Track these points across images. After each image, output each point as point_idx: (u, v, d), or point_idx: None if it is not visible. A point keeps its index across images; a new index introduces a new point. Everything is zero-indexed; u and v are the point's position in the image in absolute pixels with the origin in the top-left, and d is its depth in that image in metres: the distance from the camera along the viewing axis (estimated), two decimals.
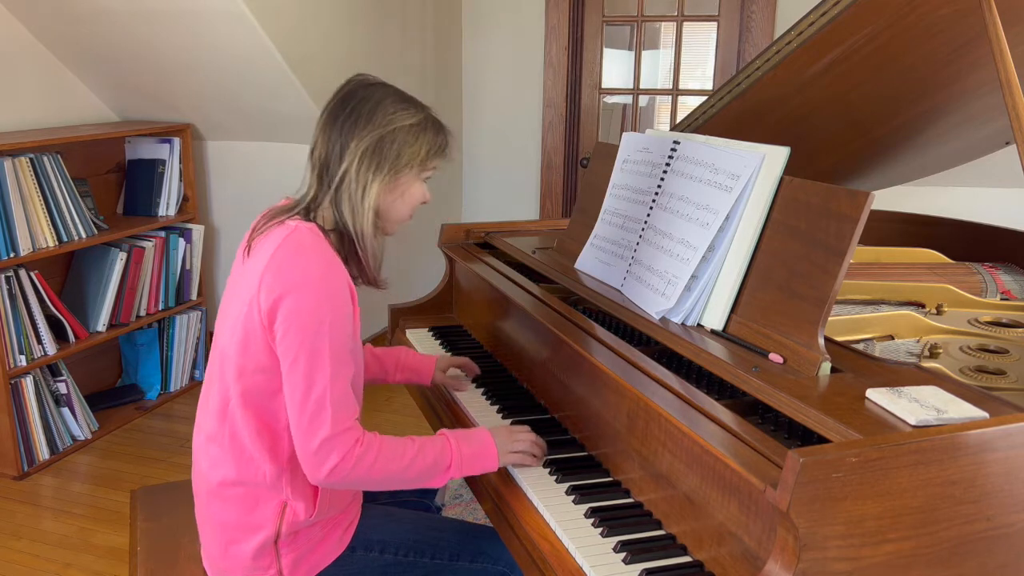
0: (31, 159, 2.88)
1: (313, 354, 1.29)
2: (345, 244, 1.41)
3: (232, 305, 1.41)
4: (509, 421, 1.63)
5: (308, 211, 1.41)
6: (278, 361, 1.32)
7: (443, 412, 1.80)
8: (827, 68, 1.83)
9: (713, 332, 1.43)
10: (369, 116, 1.38)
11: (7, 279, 2.80)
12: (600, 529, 1.26)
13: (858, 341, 1.58)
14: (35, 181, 2.89)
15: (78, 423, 3.10)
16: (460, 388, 1.81)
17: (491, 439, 1.44)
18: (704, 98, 2.03)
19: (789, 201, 1.36)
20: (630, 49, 4.18)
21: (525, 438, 1.46)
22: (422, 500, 1.79)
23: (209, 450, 1.43)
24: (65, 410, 3.07)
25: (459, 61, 4.27)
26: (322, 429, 1.28)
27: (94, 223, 3.12)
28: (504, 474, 1.47)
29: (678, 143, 1.64)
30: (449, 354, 1.99)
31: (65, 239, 3.00)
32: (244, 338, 1.34)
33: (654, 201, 1.65)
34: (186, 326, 3.56)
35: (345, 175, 1.38)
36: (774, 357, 1.29)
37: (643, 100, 4.45)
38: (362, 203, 1.38)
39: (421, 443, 1.38)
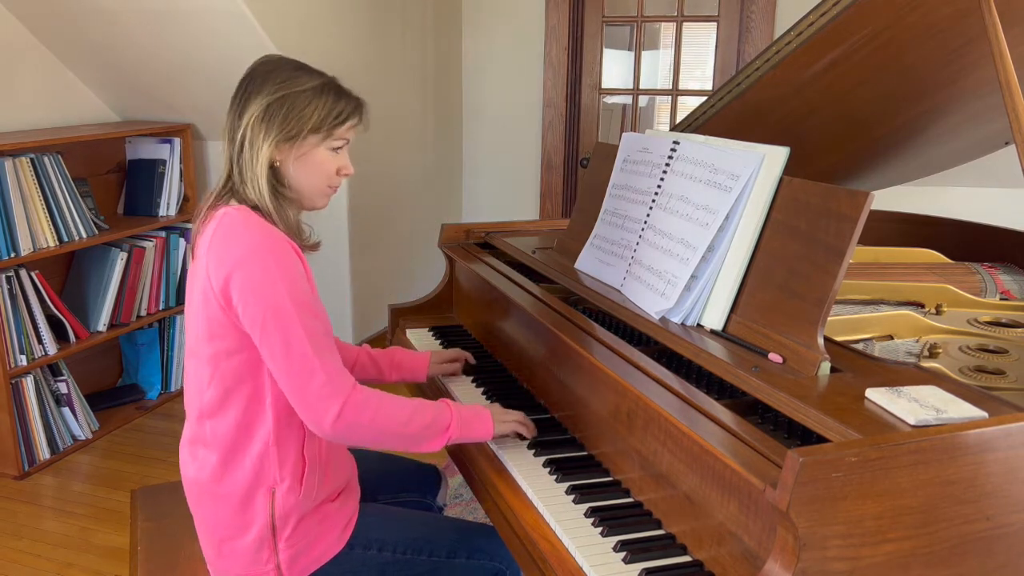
0: (31, 159, 2.88)
1: (278, 311, 1.30)
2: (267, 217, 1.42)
3: (191, 306, 1.42)
4: None
5: (229, 193, 1.42)
6: (249, 340, 1.34)
7: None
8: (827, 68, 1.83)
9: (713, 332, 1.43)
10: (260, 86, 1.41)
11: (8, 279, 2.80)
12: (600, 529, 1.26)
13: (858, 341, 1.58)
14: (35, 181, 2.89)
15: (79, 423, 3.10)
16: (454, 373, 1.84)
17: (485, 408, 1.50)
18: (704, 98, 2.03)
19: (789, 201, 1.37)
20: (630, 49, 4.18)
21: (516, 413, 1.53)
22: (423, 500, 1.80)
23: (193, 453, 1.45)
24: (66, 410, 3.07)
25: (459, 61, 4.27)
26: (314, 377, 1.30)
27: (94, 223, 3.12)
28: (504, 474, 1.47)
29: (678, 143, 1.64)
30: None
31: (66, 239, 3.00)
32: (209, 327, 1.36)
33: (654, 201, 1.65)
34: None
35: (242, 143, 1.40)
36: (774, 357, 1.29)
37: (643, 100, 4.45)
38: (254, 168, 1.39)
39: (419, 400, 1.43)
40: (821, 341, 1.24)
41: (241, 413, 1.38)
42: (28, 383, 2.89)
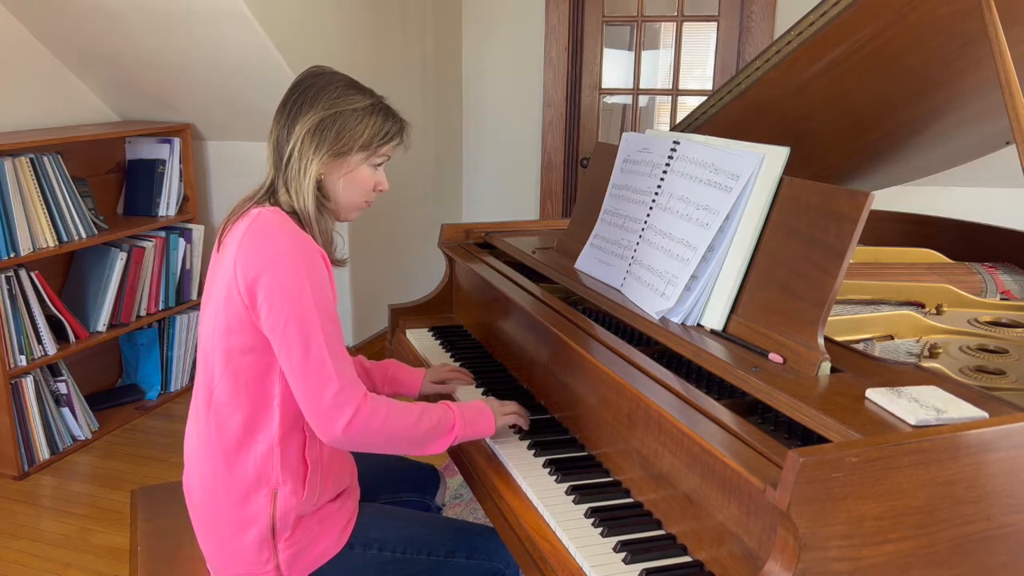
0: (31, 159, 2.88)
1: (301, 318, 1.32)
2: (301, 224, 1.44)
3: (210, 300, 1.43)
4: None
5: (268, 197, 1.45)
6: (265, 340, 1.35)
7: None
8: (827, 68, 1.83)
9: (713, 332, 1.43)
10: (314, 100, 1.43)
11: (7, 279, 2.80)
12: (600, 529, 1.26)
13: (858, 341, 1.58)
14: (35, 181, 2.89)
15: (78, 423, 3.10)
16: (450, 391, 1.80)
17: (485, 404, 1.53)
18: (704, 98, 2.03)
19: (789, 201, 1.36)
20: (630, 49, 4.18)
21: (511, 404, 1.57)
22: (422, 500, 1.80)
23: (199, 449, 1.45)
24: (65, 410, 3.07)
25: (459, 61, 4.27)
26: (330, 384, 1.32)
27: (94, 223, 3.12)
28: (504, 474, 1.47)
29: (678, 143, 1.64)
30: (449, 355, 2.00)
31: (65, 239, 3.00)
32: (227, 323, 1.37)
33: (654, 201, 1.65)
34: (186, 326, 3.56)
35: (291, 154, 1.42)
36: (774, 357, 1.29)
37: (643, 100, 4.45)
38: (303, 181, 1.42)
39: (423, 405, 1.45)
40: (821, 341, 1.24)
41: (248, 411, 1.39)
42: (28, 383, 2.89)
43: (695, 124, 2.06)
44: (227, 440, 1.40)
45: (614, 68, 4.29)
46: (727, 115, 1.99)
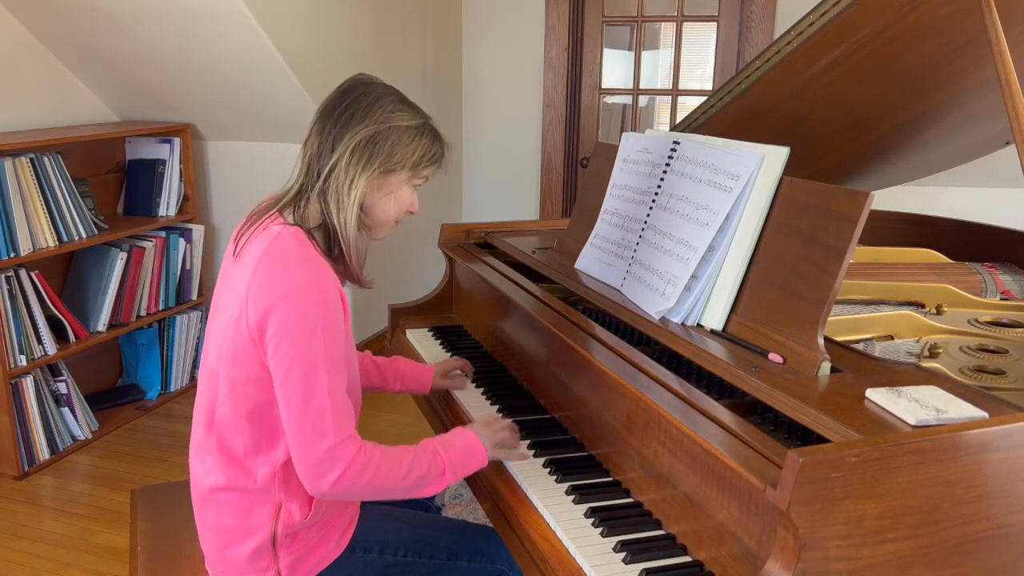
0: (31, 159, 2.88)
1: (307, 364, 1.27)
2: (330, 241, 1.40)
3: (221, 312, 1.39)
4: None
5: (293, 205, 1.40)
6: (269, 372, 1.31)
7: (443, 413, 1.80)
8: (827, 68, 1.83)
9: (713, 332, 1.43)
10: (367, 111, 1.37)
11: (7, 279, 2.80)
12: (600, 529, 1.26)
13: (858, 341, 1.58)
14: (35, 181, 2.89)
15: (78, 423, 3.10)
16: (460, 387, 1.81)
17: (475, 436, 1.45)
18: (704, 98, 2.03)
19: (789, 201, 1.36)
20: (630, 49, 4.18)
21: (502, 426, 1.50)
22: (422, 500, 1.79)
23: (201, 457, 1.43)
24: (65, 410, 3.07)
25: (459, 61, 4.27)
26: (325, 439, 1.27)
27: (94, 223, 3.12)
28: (504, 474, 1.47)
29: (678, 143, 1.64)
30: (449, 355, 2.00)
31: (65, 239, 3.00)
32: (234, 352, 1.33)
33: (654, 201, 1.65)
34: (186, 326, 3.57)
35: (335, 166, 1.36)
36: (774, 357, 1.29)
37: (643, 100, 4.45)
38: (348, 195, 1.36)
39: (414, 451, 1.38)
40: (821, 341, 1.24)
41: (251, 437, 1.36)
42: (28, 383, 2.89)
43: (695, 124, 2.06)
44: (229, 458, 1.38)
45: (614, 68, 4.29)
46: (727, 115, 1.99)
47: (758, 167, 1.42)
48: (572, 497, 1.35)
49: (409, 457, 1.36)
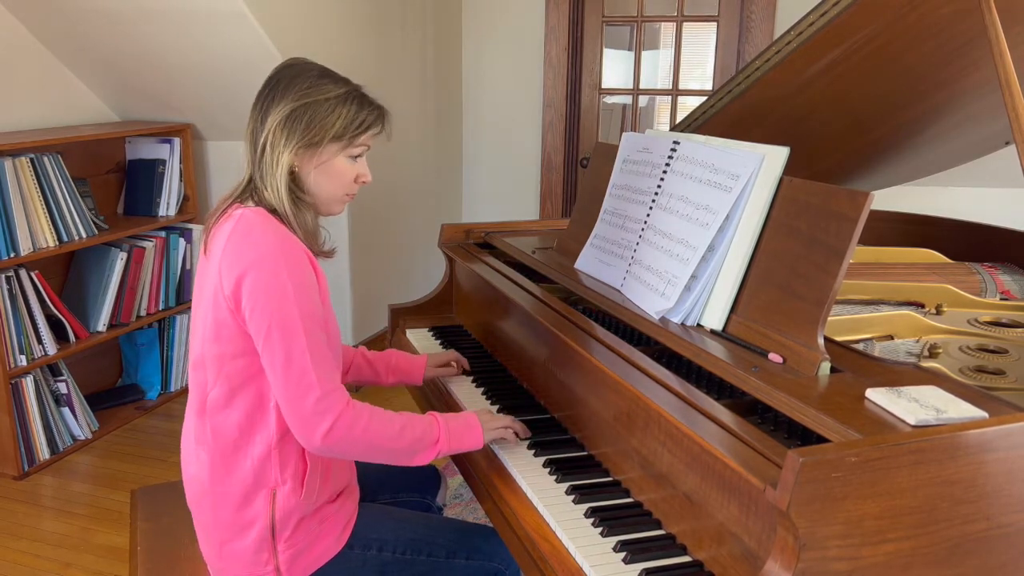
0: (31, 159, 2.88)
1: (284, 322, 1.31)
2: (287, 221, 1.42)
3: (200, 305, 1.43)
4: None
5: (249, 193, 1.43)
6: (253, 344, 1.34)
7: (441, 411, 1.80)
8: (827, 68, 1.83)
9: (713, 332, 1.43)
10: (285, 91, 1.41)
11: (7, 279, 2.80)
12: (600, 529, 1.26)
13: (858, 341, 1.58)
14: (35, 181, 2.89)
15: (78, 423, 3.10)
16: (453, 374, 1.85)
17: (475, 417, 1.50)
18: (704, 98, 2.03)
19: (789, 201, 1.36)
20: (630, 49, 4.18)
21: (504, 417, 1.54)
22: (423, 500, 1.80)
23: (197, 452, 1.45)
24: (65, 410, 3.07)
25: (459, 61, 4.27)
26: (311, 391, 1.31)
27: (94, 223, 3.12)
28: (504, 474, 1.47)
29: (678, 143, 1.64)
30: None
31: (65, 239, 3.00)
32: (216, 329, 1.36)
33: (654, 201, 1.65)
34: (186, 326, 3.56)
35: (264, 148, 1.40)
36: (774, 357, 1.29)
37: (643, 100, 4.45)
38: (274, 173, 1.39)
39: (408, 415, 1.43)
40: (821, 341, 1.24)
41: (245, 414, 1.38)
42: (28, 383, 2.89)
43: (695, 124, 2.06)
44: (224, 443, 1.40)
45: (614, 68, 4.29)
46: (727, 115, 1.99)
47: (758, 167, 1.42)
48: (572, 497, 1.35)
49: (402, 419, 1.40)
